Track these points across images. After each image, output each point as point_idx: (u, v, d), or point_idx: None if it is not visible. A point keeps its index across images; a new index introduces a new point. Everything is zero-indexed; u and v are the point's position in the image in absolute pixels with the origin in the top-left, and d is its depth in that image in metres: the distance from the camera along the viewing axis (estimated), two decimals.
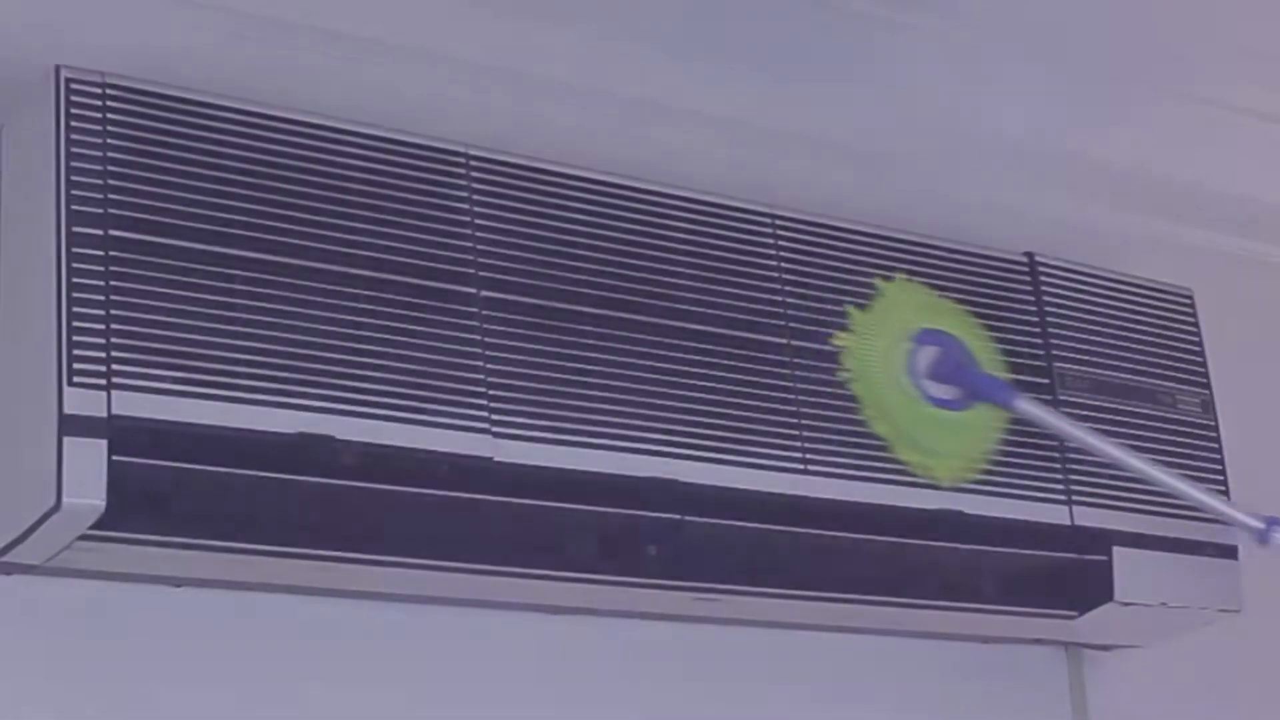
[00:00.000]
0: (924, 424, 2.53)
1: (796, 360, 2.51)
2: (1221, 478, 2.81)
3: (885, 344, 2.53)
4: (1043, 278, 2.76)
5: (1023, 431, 2.64)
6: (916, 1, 2.80)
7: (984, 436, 2.56)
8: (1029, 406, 2.55)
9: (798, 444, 2.47)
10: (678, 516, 2.38)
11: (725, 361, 2.45)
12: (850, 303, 2.56)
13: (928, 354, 2.56)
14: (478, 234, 2.33)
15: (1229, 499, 2.63)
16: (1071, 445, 2.61)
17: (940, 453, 2.53)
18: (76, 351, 2.04)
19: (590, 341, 2.36)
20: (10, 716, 2.15)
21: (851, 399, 2.52)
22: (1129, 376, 2.79)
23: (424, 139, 2.34)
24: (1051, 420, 2.56)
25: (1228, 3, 2.93)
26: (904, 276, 2.58)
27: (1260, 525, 2.53)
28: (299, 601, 2.32)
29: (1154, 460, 2.72)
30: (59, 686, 2.18)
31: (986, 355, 2.59)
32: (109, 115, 2.14)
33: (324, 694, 2.32)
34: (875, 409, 2.49)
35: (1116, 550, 2.68)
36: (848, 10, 2.77)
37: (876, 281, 2.57)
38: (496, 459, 2.26)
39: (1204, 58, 3.03)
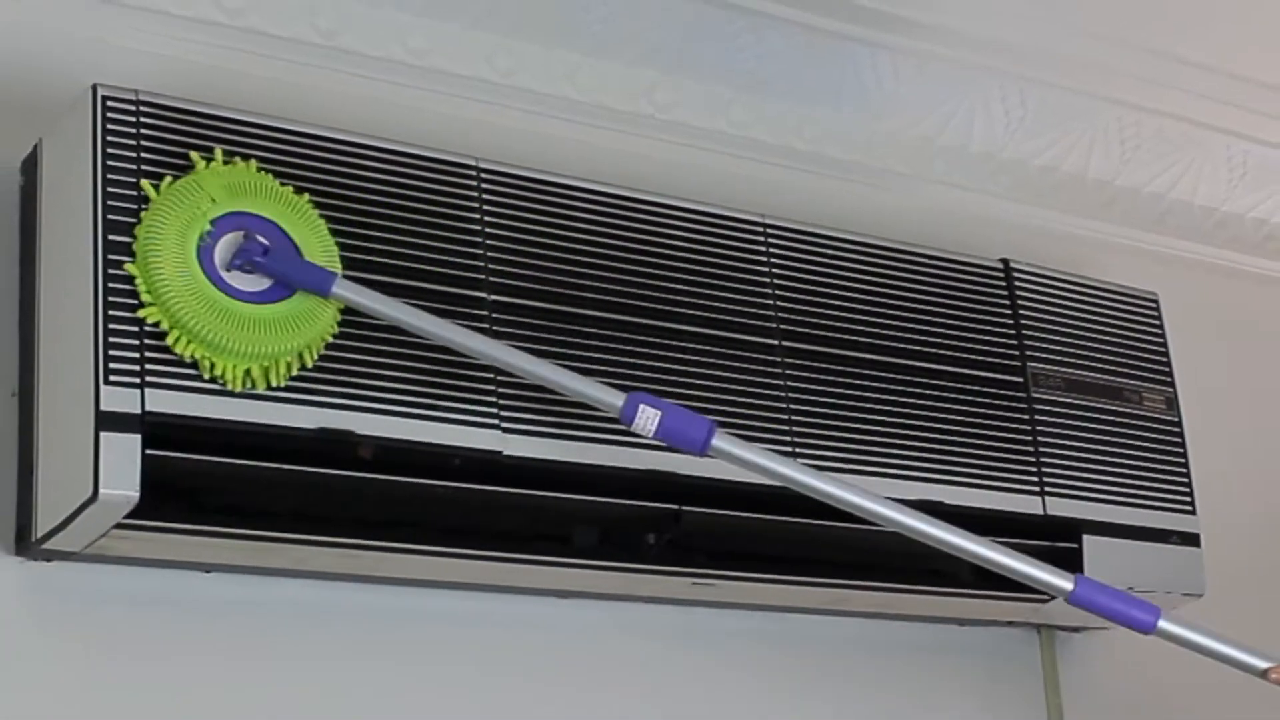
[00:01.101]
0: (211, 316, 2.07)
1: (787, 359, 2.51)
2: (1184, 470, 2.82)
3: (177, 227, 2.08)
4: (1017, 283, 2.76)
5: (998, 427, 2.65)
6: (898, 26, 2.80)
7: (293, 334, 2.11)
8: (349, 293, 2.13)
9: (787, 439, 2.47)
10: (675, 507, 2.38)
11: (719, 360, 2.45)
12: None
13: (230, 241, 2.11)
14: (488, 241, 2.33)
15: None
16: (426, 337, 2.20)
17: (232, 350, 2.07)
18: (112, 352, 2.04)
19: (593, 342, 2.36)
20: (51, 693, 2.15)
21: (841, 397, 2.52)
22: (1098, 375, 2.79)
23: (438, 152, 2.33)
24: (382, 308, 2.15)
25: (1190, 28, 2.93)
26: (222, 155, 2.14)
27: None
28: (321, 586, 2.32)
29: (1124, 446, 2.74)
30: (96, 665, 2.18)
31: (312, 240, 2.16)
32: (142, 129, 2.13)
33: (344, 671, 2.32)
34: (152, 297, 2.05)
35: (1086, 538, 2.69)
36: (835, 34, 2.77)
37: (192, 156, 2.14)
38: (506, 453, 2.26)
39: (1169, 78, 3.04)
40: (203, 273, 2.09)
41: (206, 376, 2.07)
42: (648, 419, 2.17)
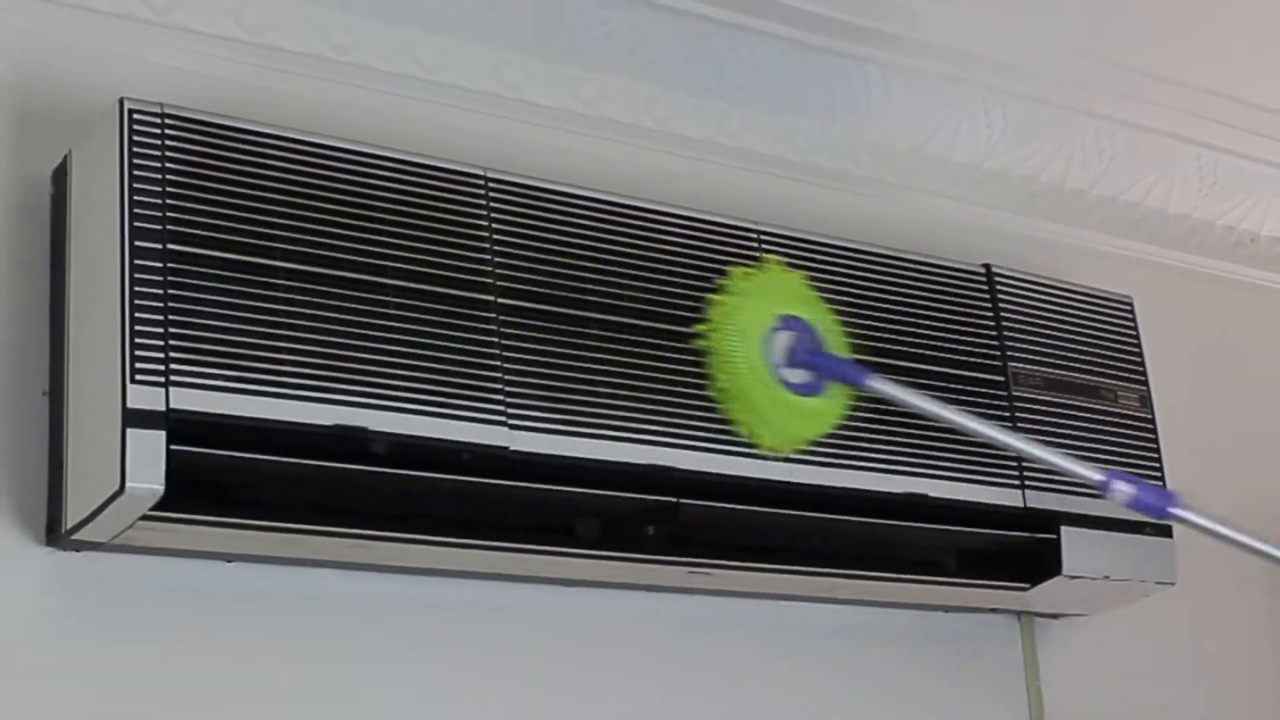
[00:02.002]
0: (775, 407, 2.41)
1: None
2: (1158, 465, 2.81)
3: (750, 319, 2.42)
4: (999, 286, 2.76)
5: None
6: (887, 42, 2.80)
7: (824, 420, 2.45)
8: (880, 384, 2.45)
9: None
10: (674, 500, 2.38)
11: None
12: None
13: (784, 339, 2.43)
14: (495, 247, 2.33)
15: (1070, 456, 2.56)
16: (926, 419, 2.53)
17: (778, 431, 2.41)
18: (138, 352, 2.04)
19: (596, 343, 2.36)
20: (79, 676, 2.15)
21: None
22: (1076, 375, 2.79)
23: (447, 162, 2.33)
24: (903, 395, 2.47)
25: (1164, 46, 2.93)
26: (771, 260, 2.48)
27: (1101, 478, 2.46)
28: (337, 575, 2.32)
29: (1100, 442, 2.75)
30: (122, 650, 2.17)
31: (838, 338, 2.48)
32: (167, 141, 2.13)
33: (360, 655, 2.32)
34: (730, 389, 2.39)
35: (1064, 530, 2.68)
36: (826, 49, 2.77)
37: (765, 259, 2.49)
38: (512, 448, 2.25)
39: (1143, 92, 3.04)
40: (764, 363, 2.41)
41: (744, 435, 2.39)
42: (1121, 493, 2.44)
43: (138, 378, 2.04)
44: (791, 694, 2.65)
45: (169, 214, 2.11)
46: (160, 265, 2.08)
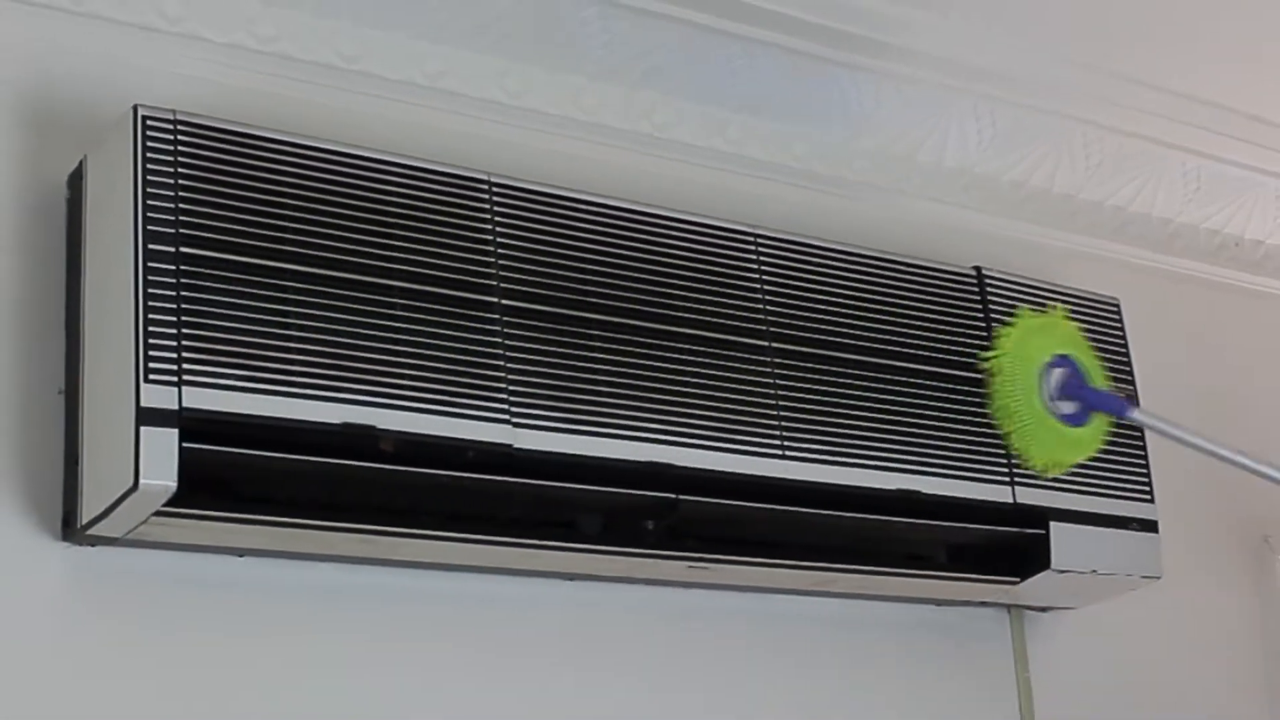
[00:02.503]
0: (1047, 432, 2.54)
1: (776, 359, 2.51)
2: (1143, 461, 2.81)
3: (1025, 368, 2.54)
4: (989, 288, 2.76)
5: (972, 421, 2.64)
6: (880, 52, 2.80)
7: (1089, 446, 2.59)
8: (1141, 416, 2.61)
9: (776, 433, 2.47)
10: (673, 496, 2.38)
11: (714, 361, 2.44)
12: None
13: (1058, 375, 2.55)
14: (499, 250, 2.33)
15: None
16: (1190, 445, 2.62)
17: (1048, 455, 2.56)
18: (152, 353, 2.04)
19: (597, 344, 2.36)
20: (94, 666, 2.15)
21: (826, 394, 2.52)
22: None
23: (452, 168, 2.33)
24: (1163, 426, 2.59)
25: (1149, 53, 2.93)
26: (1056, 308, 2.66)
27: None
28: (345, 569, 2.31)
29: None
30: (136, 641, 2.17)
31: (1098, 371, 2.62)
32: (180, 147, 2.13)
33: (367, 647, 2.32)
34: (1013, 424, 2.53)
35: (1053, 525, 2.68)
36: (821, 59, 2.77)
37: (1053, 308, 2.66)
38: (516, 446, 2.25)
39: (1129, 99, 3.04)
40: (1040, 392, 2.52)
41: (1016, 455, 2.56)
42: None
43: (151, 377, 2.04)
44: (787, 684, 2.64)
45: (182, 217, 2.11)
46: (173, 267, 2.08)
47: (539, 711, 2.43)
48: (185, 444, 2.03)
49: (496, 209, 2.34)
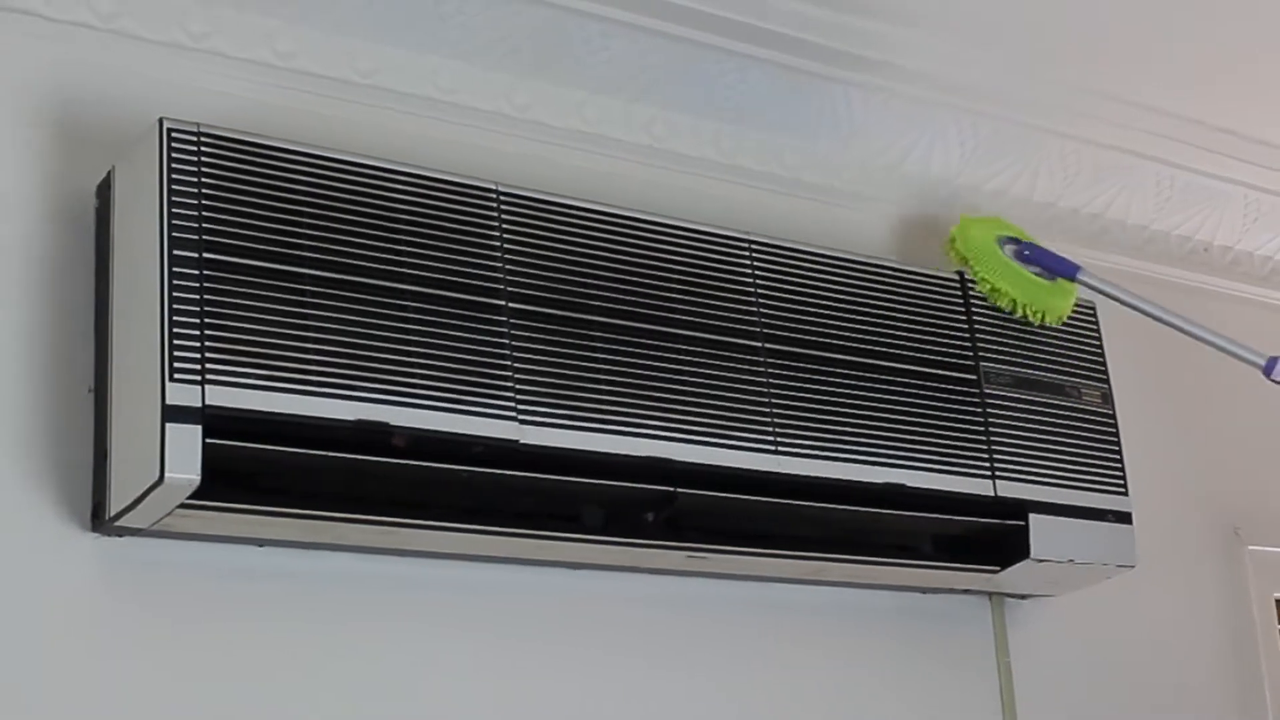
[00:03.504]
0: (1033, 286, 2.73)
1: (769, 360, 2.50)
2: (1118, 456, 2.81)
3: (983, 240, 2.74)
4: (971, 292, 2.75)
5: (955, 418, 2.64)
6: (867, 67, 2.80)
7: (1056, 298, 2.76)
8: (1089, 279, 2.75)
9: (770, 430, 2.46)
10: (672, 489, 2.38)
11: (711, 361, 2.44)
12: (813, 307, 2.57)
13: (1010, 249, 2.76)
14: (506, 255, 2.32)
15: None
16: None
17: (1046, 306, 2.74)
18: (176, 353, 2.04)
19: (600, 345, 2.35)
20: (122, 652, 2.14)
21: (817, 392, 2.52)
22: (1042, 374, 2.78)
23: (462, 178, 2.33)
24: (1105, 288, 2.75)
25: (1124, 70, 2.93)
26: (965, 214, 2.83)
27: (1262, 362, 2.66)
28: (360, 559, 2.31)
29: (1065, 436, 2.76)
30: (161, 628, 2.17)
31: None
32: (204, 158, 2.13)
33: (380, 633, 2.31)
34: (996, 281, 2.70)
35: (1032, 517, 2.68)
36: (811, 73, 2.77)
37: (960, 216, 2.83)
38: (522, 441, 2.25)
39: (1105, 113, 3.04)
40: (1008, 258, 2.74)
41: (1003, 305, 2.72)
42: None
43: (176, 376, 2.03)
44: (780, 668, 2.64)
45: (205, 225, 2.11)
46: (197, 272, 2.08)
47: (545, 692, 2.43)
48: (208, 440, 2.03)
49: (504, 217, 2.34)
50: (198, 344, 2.05)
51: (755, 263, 2.54)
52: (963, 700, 2.82)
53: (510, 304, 2.30)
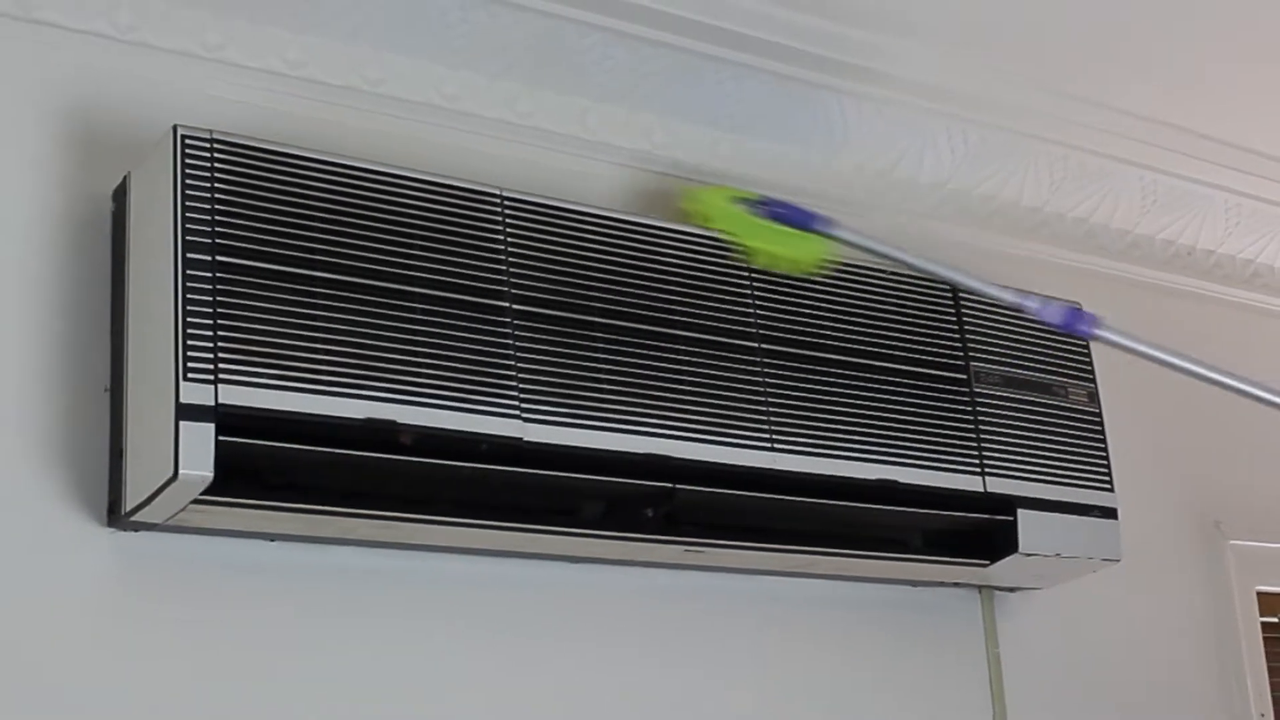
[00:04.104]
0: (781, 236, 2.52)
1: (765, 360, 2.50)
2: (1104, 453, 2.81)
3: (724, 203, 2.53)
4: (962, 295, 2.75)
5: (946, 417, 2.64)
6: (860, 76, 2.80)
7: (820, 247, 2.55)
8: (840, 231, 2.55)
9: (766, 428, 2.46)
10: (670, 485, 2.38)
11: (709, 361, 2.44)
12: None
13: (749, 207, 2.55)
14: (510, 259, 2.32)
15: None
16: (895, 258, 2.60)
17: (796, 255, 2.52)
18: (190, 353, 2.04)
19: (601, 345, 2.35)
20: (137, 642, 2.14)
21: (811, 392, 2.52)
22: (1031, 373, 2.78)
23: (467, 183, 2.33)
24: (860, 240, 2.56)
25: (1109, 78, 2.93)
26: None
27: (1035, 305, 2.53)
28: (367, 553, 2.31)
29: (1052, 433, 2.76)
30: (175, 619, 2.17)
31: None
32: (217, 164, 2.13)
33: (387, 624, 2.31)
34: (747, 239, 2.50)
35: (1021, 512, 2.68)
36: (806, 82, 2.77)
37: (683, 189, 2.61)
38: (526, 439, 2.25)
39: (1090, 120, 3.04)
40: (751, 214, 2.52)
41: (772, 266, 2.49)
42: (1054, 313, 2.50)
43: (189, 375, 2.03)
44: (775, 659, 2.64)
45: (218, 229, 2.10)
46: (210, 275, 2.08)
47: (546, 681, 2.43)
48: (221, 437, 2.03)
49: (508, 220, 2.34)
50: (211, 344, 2.05)
51: (752, 266, 2.54)
52: (953, 690, 2.82)
53: (514, 306, 2.30)
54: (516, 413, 2.25)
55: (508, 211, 2.34)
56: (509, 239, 2.33)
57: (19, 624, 2.08)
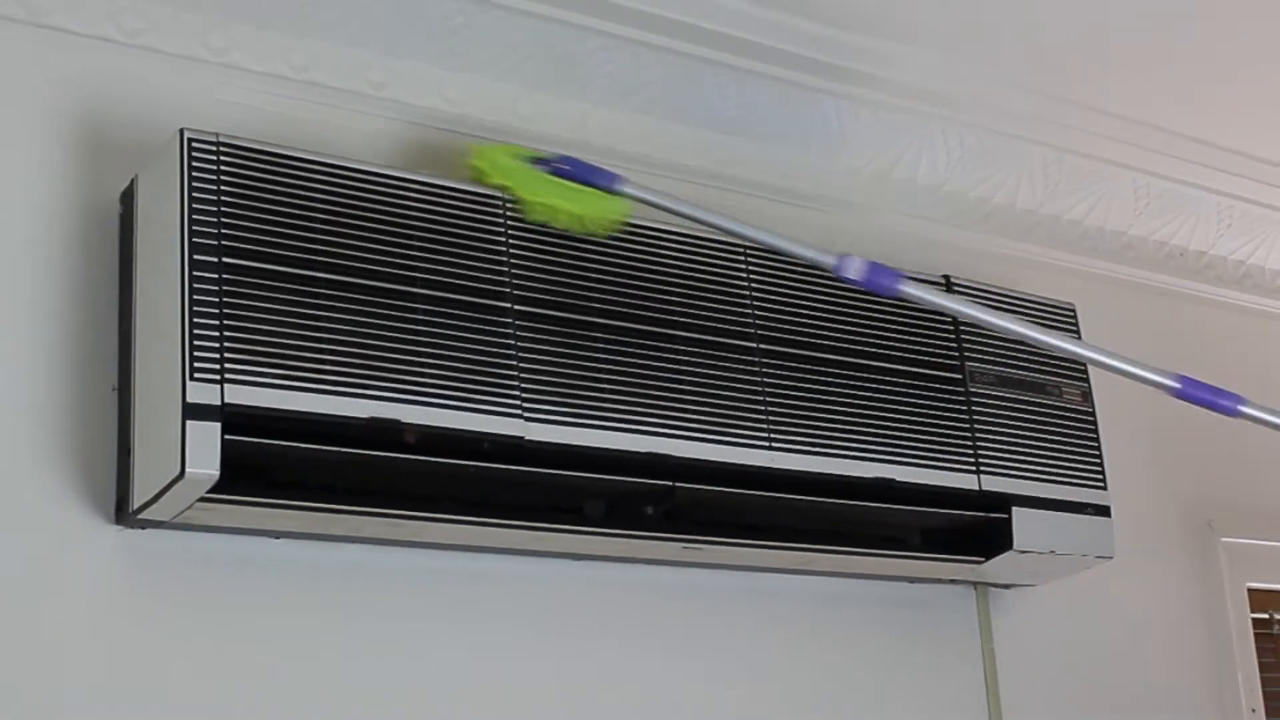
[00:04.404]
0: (579, 195, 2.37)
1: (764, 361, 2.50)
2: (1097, 452, 2.81)
3: (508, 159, 2.37)
4: (957, 294, 2.75)
5: (941, 415, 2.64)
6: (858, 80, 2.80)
7: (616, 204, 2.39)
8: (630, 188, 2.40)
9: (764, 427, 2.46)
10: (670, 484, 2.37)
11: (708, 361, 2.44)
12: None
13: (543, 167, 2.40)
14: (512, 260, 2.32)
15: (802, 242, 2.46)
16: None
17: (598, 214, 2.37)
18: (196, 354, 2.04)
19: (602, 346, 2.35)
20: (144, 638, 2.14)
21: (809, 392, 2.52)
22: (1025, 373, 2.78)
23: (470, 186, 2.33)
24: (652, 198, 2.40)
25: (1102, 83, 2.93)
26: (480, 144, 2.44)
27: (833, 260, 2.39)
28: (371, 550, 2.31)
29: (1046, 432, 2.76)
30: (182, 616, 2.17)
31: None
32: (223, 167, 2.13)
33: (391, 620, 2.31)
34: (541, 197, 2.34)
35: (1015, 510, 2.68)
36: (804, 86, 2.77)
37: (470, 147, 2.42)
38: (527, 438, 2.25)
39: (1085, 124, 3.04)
40: (545, 174, 2.37)
41: (560, 222, 2.33)
42: (855, 268, 2.38)
43: (196, 375, 2.03)
44: (773, 655, 2.64)
45: (224, 231, 2.10)
46: (216, 276, 2.08)
47: (548, 676, 2.43)
48: (227, 436, 2.03)
49: (510, 223, 2.34)
50: (217, 344, 2.05)
51: (750, 268, 2.54)
52: (949, 685, 2.82)
53: (516, 307, 2.30)
54: (518, 412, 2.25)
55: (510, 214, 2.34)
56: (511, 241, 2.33)
57: (28, 620, 2.08)
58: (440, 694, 2.33)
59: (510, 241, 2.33)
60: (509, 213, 2.34)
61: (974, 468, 2.66)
